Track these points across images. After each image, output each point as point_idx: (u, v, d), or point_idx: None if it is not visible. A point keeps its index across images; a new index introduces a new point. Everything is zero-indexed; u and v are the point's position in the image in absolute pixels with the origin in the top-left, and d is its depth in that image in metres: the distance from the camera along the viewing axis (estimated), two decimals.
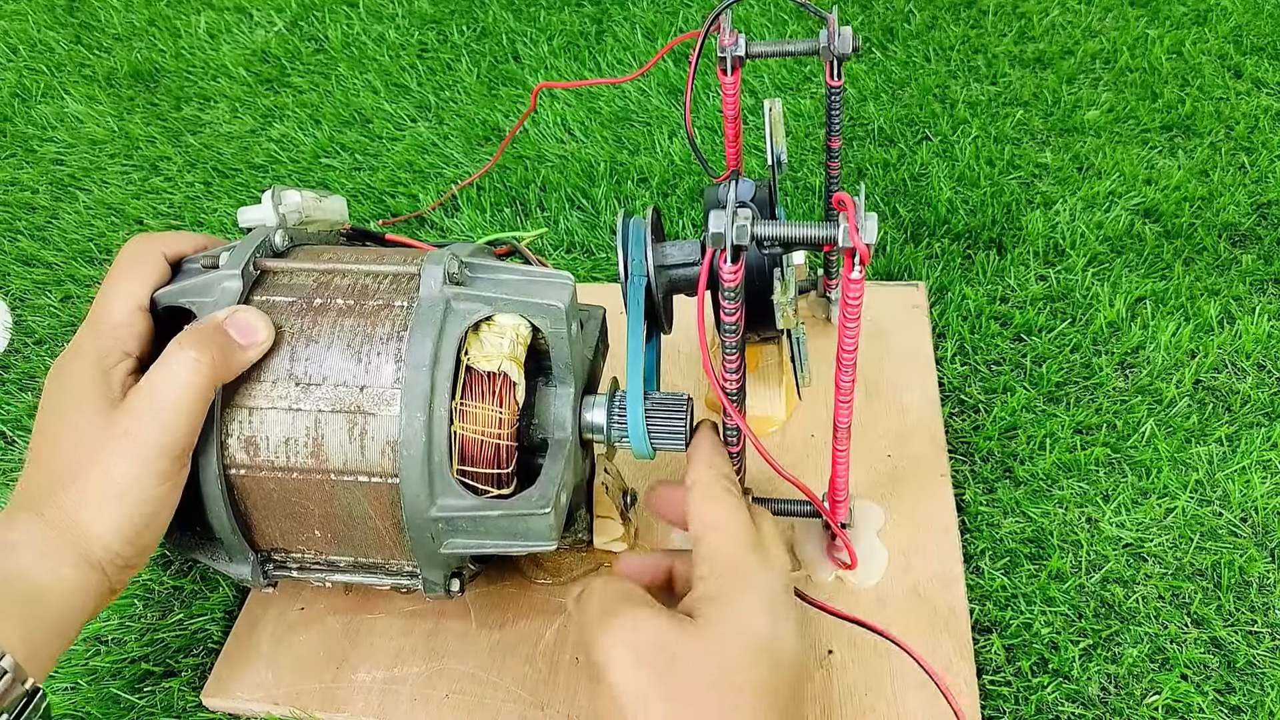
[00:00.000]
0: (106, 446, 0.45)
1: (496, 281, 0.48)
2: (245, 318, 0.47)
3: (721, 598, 0.43)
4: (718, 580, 0.44)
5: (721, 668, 0.41)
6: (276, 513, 0.49)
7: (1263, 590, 0.56)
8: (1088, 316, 0.71)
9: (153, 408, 0.45)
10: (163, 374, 0.46)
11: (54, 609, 0.44)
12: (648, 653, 0.41)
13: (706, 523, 0.47)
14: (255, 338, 0.47)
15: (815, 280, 0.72)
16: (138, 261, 0.51)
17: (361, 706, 0.55)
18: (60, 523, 0.45)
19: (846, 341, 0.46)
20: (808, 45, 0.57)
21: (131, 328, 0.49)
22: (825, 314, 0.72)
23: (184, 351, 0.45)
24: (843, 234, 0.41)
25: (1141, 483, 0.61)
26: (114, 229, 0.89)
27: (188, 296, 0.49)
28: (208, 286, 0.49)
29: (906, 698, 0.52)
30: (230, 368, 0.46)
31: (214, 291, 0.49)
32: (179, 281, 0.51)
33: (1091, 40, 0.98)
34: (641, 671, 0.41)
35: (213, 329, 0.47)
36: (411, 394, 0.45)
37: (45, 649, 0.44)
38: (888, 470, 0.63)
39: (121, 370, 0.48)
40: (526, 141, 0.93)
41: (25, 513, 0.45)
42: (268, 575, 0.52)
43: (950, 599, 0.56)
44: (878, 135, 0.90)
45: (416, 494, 0.46)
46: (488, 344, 0.47)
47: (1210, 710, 0.52)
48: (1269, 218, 0.78)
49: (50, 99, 1.06)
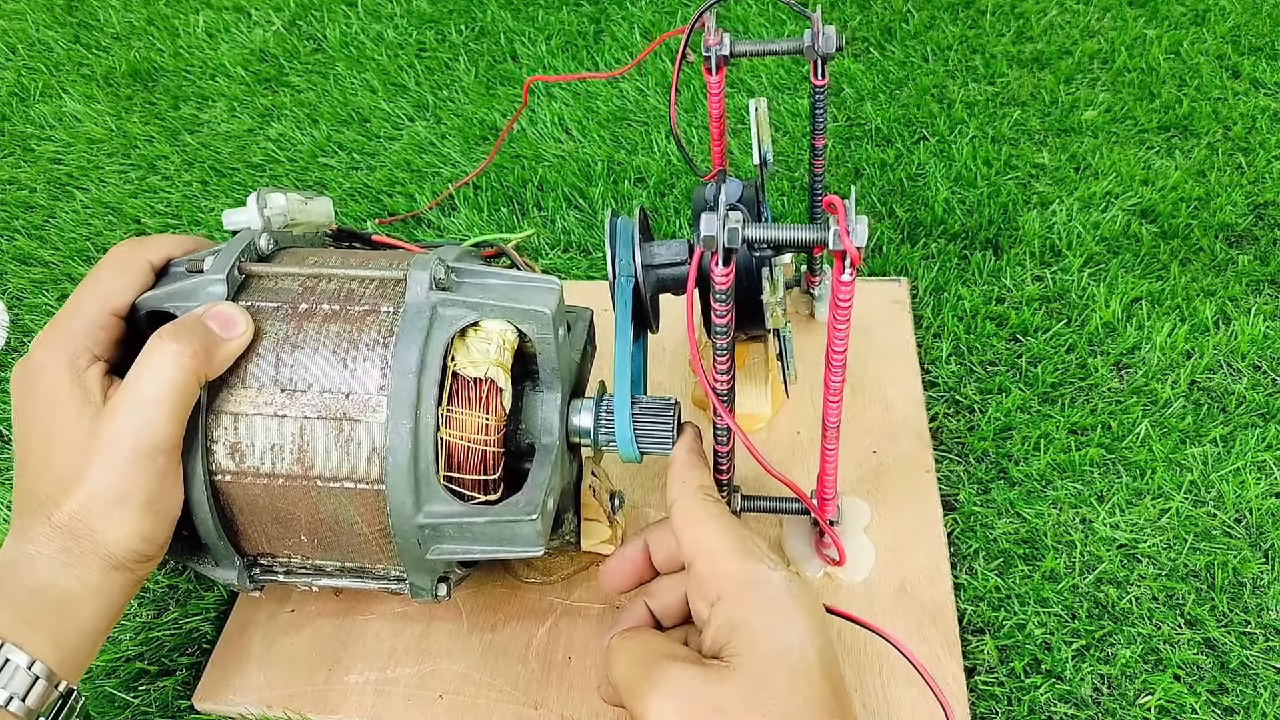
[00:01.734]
0: (99, 453, 0.45)
1: (483, 287, 0.48)
2: (224, 309, 0.47)
3: (740, 626, 0.43)
4: (727, 607, 0.44)
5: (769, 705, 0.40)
6: (263, 518, 0.49)
7: (1256, 591, 0.56)
8: (1083, 317, 0.71)
9: (138, 407, 0.45)
10: (145, 370, 0.45)
11: (83, 615, 0.45)
12: (697, 712, 0.41)
13: (695, 549, 0.47)
14: (235, 330, 0.47)
15: (799, 277, 0.72)
16: (120, 267, 0.50)
17: (355, 708, 0.55)
18: (75, 529, 0.45)
19: (836, 342, 0.46)
20: (792, 45, 0.57)
21: (104, 330, 0.48)
22: (809, 310, 0.72)
23: (165, 345, 0.45)
24: (833, 237, 0.41)
25: (1136, 483, 0.61)
26: (111, 228, 0.89)
27: (172, 301, 0.49)
28: (192, 291, 0.49)
29: (895, 693, 0.52)
30: (213, 361, 0.46)
31: (198, 296, 0.48)
32: (163, 286, 0.50)
33: (1089, 40, 0.97)
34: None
35: (192, 322, 0.46)
36: (398, 401, 0.45)
37: (78, 653, 0.45)
38: (874, 467, 0.63)
39: (94, 374, 0.47)
40: (524, 141, 0.93)
41: (38, 523, 0.45)
42: (254, 580, 0.52)
43: (937, 594, 0.56)
44: (875, 135, 0.90)
45: (403, 501, 0.46)
46: (474, 350, 0.47)
47: (1203, 711, 0.52)
48: (1266, 218, 0.78)
49: (48, 98, 1.06)
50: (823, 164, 0.63)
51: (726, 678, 0.41)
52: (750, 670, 0.41)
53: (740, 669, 0.42)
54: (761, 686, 0.41)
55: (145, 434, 0.45)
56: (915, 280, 0.75)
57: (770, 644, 0.42)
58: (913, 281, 0.75)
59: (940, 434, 0.65)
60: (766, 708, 0.40)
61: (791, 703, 0.40)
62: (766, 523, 0.60)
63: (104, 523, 0.45)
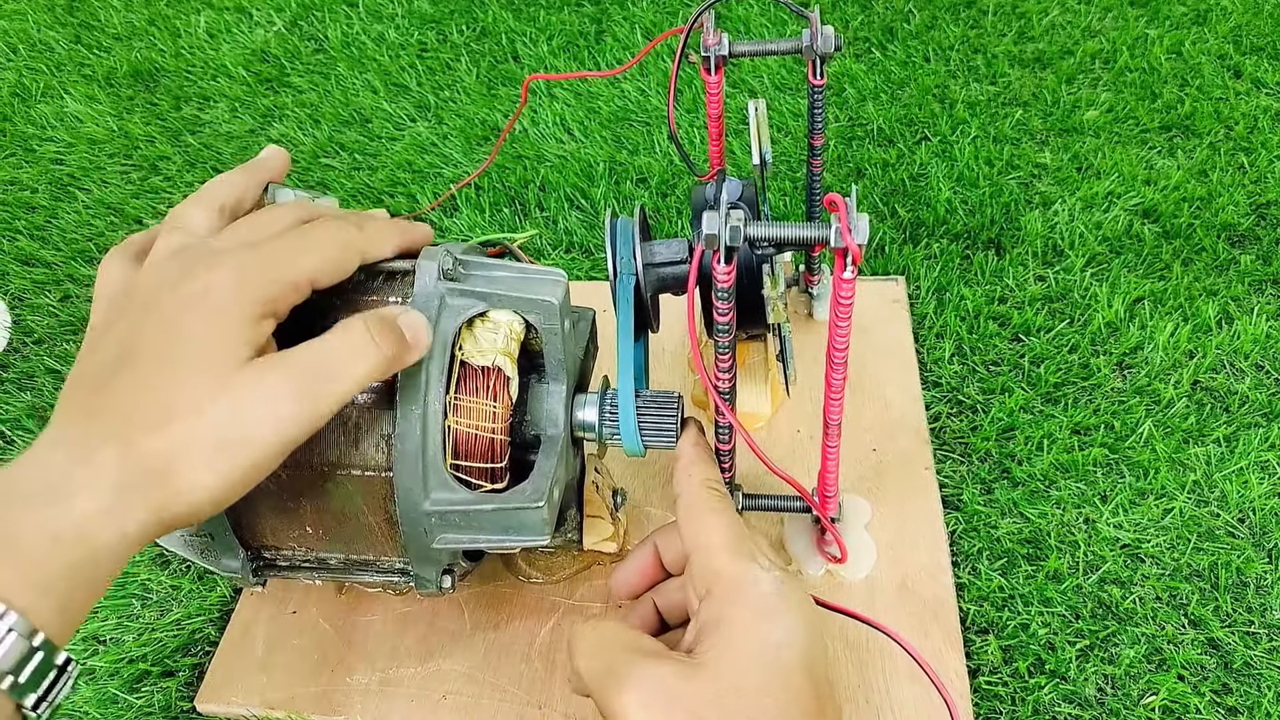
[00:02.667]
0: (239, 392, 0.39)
1: (490, 278, 0.48)
2: (417, 320, 0.44)
3: (720, 622, 0.42)
4: (714, 603, 0.43)
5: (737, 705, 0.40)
6: (267, 508, 0.49)
7: (1260, 591, 0.56)
8: (1086, 317, 0.71)
9: (307, 375, 0.40)
10: (343, 345, 0.41)
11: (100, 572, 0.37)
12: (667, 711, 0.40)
13: (694, 543, 0.46)
14: (420, 346, 0.44)
15: (797, 276, 0.72)
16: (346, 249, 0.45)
17: (358, 709, 0.55)
18: (147, 467, 0.37)
19: (838, 340, 0.46)
20: (791, 45, 0.57)
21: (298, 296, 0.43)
22: (807, 310, 0.72)
23: (367, 336, 0.41)
24: (834, 234, 0.41)
25: (1139, 483, 0.61)
26: (113, 229, 0.89)
27: None
28: None
29: (899, 689, 0.52)
30: (392, 368, 0.43)
31: None
32: None
33: (1091, 40, 0.97)
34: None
35: (391, 320, 0.43)
36: (406, 388, 0.45)
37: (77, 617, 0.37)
38: (873, 464, 0.63)
39: (266, 328, 0.41)
40: (525, 141, 0.93)
41: (110, 445, 0.37)
42: (257, 573, 0.52)
43: (938, 590, 0.56)
44: (877, 135, 0.89)
45: (410, 488, 0.46)
46: (482, 339, 0.47)
47: (1207, 711, 0.51)
48: (1268, 218, 0.78)
49: (50, 98, 1.06)
50: (821, 163, 0.63)
51: (697, 675, 0.41)
52: (721, 668, 0.41)
53: (711, 666, 0.41)
54: (731, 686, 0.40)
55: (303, 405, 0.40)
56: (917, 280, 0.75)
57: (748, 644, 0.41)
58: (915, 282, 0.75)
59: (943, 434, 0.65)
60: (734, 707, 0.39)
61: (760, 703, 0.40)
62: (768, 521, 0.60)
63: (193, 468, 0.38)
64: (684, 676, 0.41)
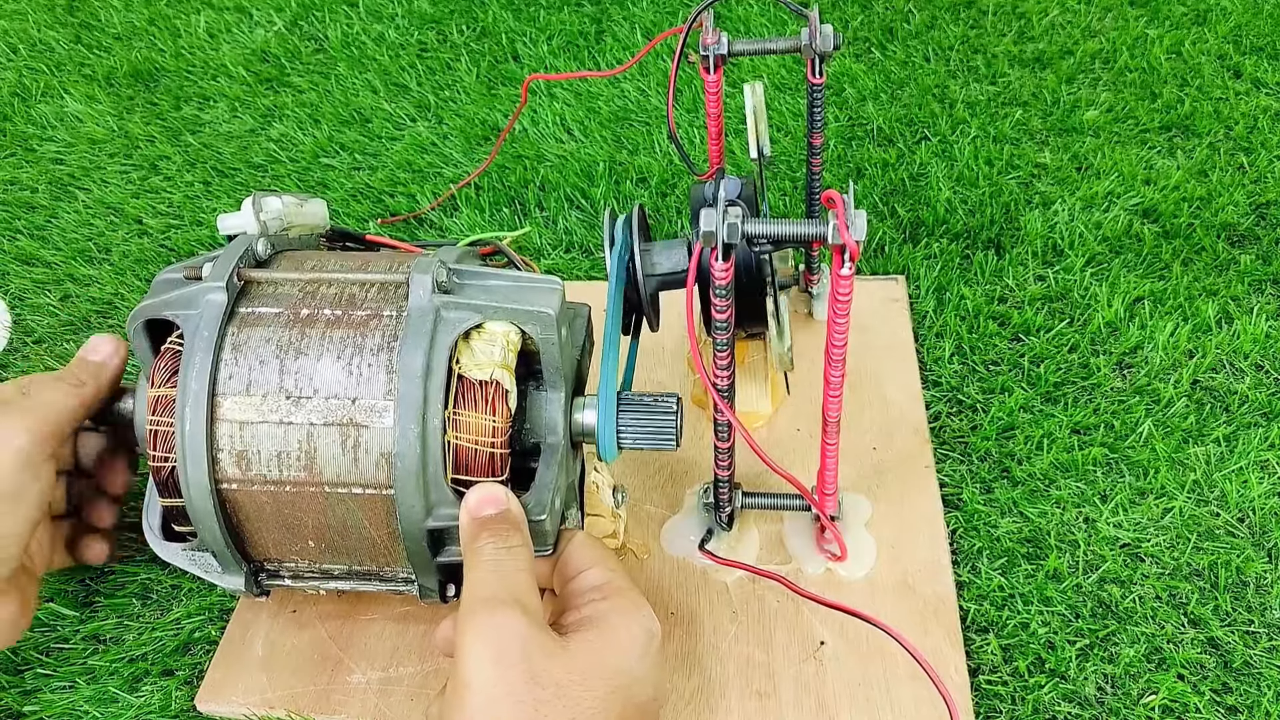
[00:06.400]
0: None
1: (486, 289, 0.48)
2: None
3: (604, 621, 0.44)
4: (609, 602, 0.45)
5: (577, 699, 0.41)
6: (270, 525, 0.49)
7: (1260, 590, 0.56)
8: (1086, 316, 0.71)
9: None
10: None
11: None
12: (510, 661, 0.40)
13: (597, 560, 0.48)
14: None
15: (797, 276, 0.72)
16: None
17: (358, 708, 0.55)
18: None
19: (836, 337, 0.46)
20: (790, 43, 0.57)
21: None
22: (807, 309, 0.72)
23: None
24: (832, 231, 0.41)
25: (1139, 483, 0.61)
26: (113, 228, 0.89)
27: (171, 309, 0.48)
28: (191, 299, 0.48)
29: (899, 687, 0.53)
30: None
31: (198, 304, 0.48)
32: (161, 295, 0.49)
33: (1091, 40, 0.97)
34: (498, 676, 0.40)
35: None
36: (405, 405, 0.45)
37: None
38: (873, 463, 0.63)
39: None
40: (525, 141, 0.93)
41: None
42: (261, 586, 0.52)
43: (938, 588, 0.56)
44: (877, 135, 0.90)
45: (412, 505, 0.45)
46: (479, 352, 0.47)
47: (1207, 710, 0.51)
48: (1267, 218, 0.78)
49: (50, 98, 1.06)
50: (820, 162, 0.63)
51: (556, 654, 0.42)
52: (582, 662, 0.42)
53: (575, 655, 0.42)
54: (583, 680, 0.41)
55: None
56: (917, 280, 0.75)
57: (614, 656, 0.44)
58: (915, 281, 0.75)
59: (943, 433, 0.65)
60: (573, 700, 0.41)
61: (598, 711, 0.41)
62: (768, 519, 0.60)
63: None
64: (544, 647, 0.42)
